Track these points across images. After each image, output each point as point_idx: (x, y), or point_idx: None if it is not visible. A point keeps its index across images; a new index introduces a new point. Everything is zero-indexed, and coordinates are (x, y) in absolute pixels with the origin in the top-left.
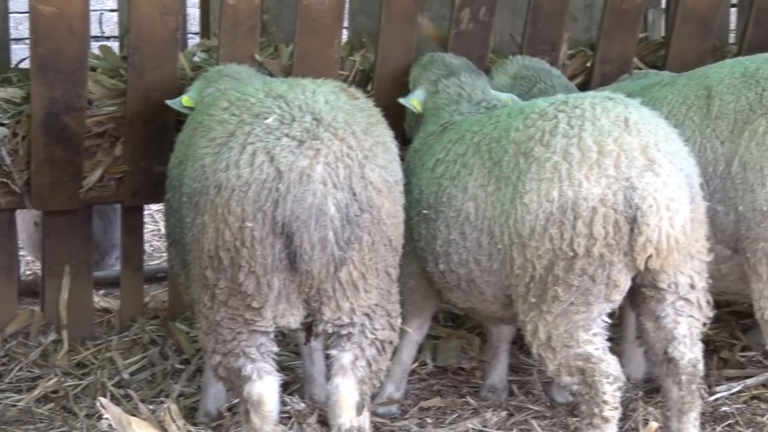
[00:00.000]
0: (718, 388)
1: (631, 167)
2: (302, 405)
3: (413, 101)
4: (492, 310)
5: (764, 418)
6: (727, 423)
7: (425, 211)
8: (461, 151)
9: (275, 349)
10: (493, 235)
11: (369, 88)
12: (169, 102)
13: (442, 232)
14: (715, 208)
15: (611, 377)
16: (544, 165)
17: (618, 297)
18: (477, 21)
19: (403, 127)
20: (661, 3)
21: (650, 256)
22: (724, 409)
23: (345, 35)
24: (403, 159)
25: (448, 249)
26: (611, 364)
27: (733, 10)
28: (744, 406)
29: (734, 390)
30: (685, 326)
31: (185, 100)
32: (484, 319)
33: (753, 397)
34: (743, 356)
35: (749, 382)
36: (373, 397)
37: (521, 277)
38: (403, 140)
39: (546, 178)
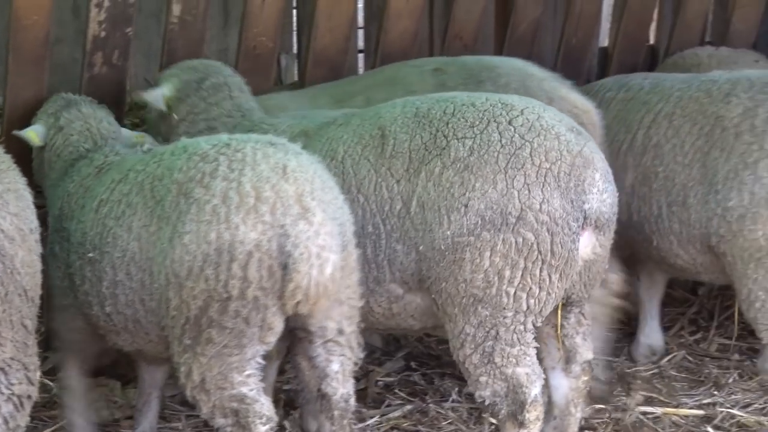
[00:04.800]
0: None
1: (286, 215)
2: None
3: (30, 133)
4: (158, 351)
5: None
6: None
7: (90, 254)
8: (126, 191)
9: None
10: (152, 274)
11: None
12: None
13: (108, 273)
14: (394, 247)
15: (264, 417)
16: (203, 207)
17: (272, 339)
18: (110, 65)
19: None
20: (293, 48)
21: (299, 302)
22: None
23: None
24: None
25: (114, 290)
26: (265, 404)
27: (361, 55)
28: None
29: (372, 422)
30: (338, 364)
31: None
32: (151, 361)
33: (393, 428)
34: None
35: (390, 414)
36: None
37: (177, 318)
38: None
39: (205, 220)
